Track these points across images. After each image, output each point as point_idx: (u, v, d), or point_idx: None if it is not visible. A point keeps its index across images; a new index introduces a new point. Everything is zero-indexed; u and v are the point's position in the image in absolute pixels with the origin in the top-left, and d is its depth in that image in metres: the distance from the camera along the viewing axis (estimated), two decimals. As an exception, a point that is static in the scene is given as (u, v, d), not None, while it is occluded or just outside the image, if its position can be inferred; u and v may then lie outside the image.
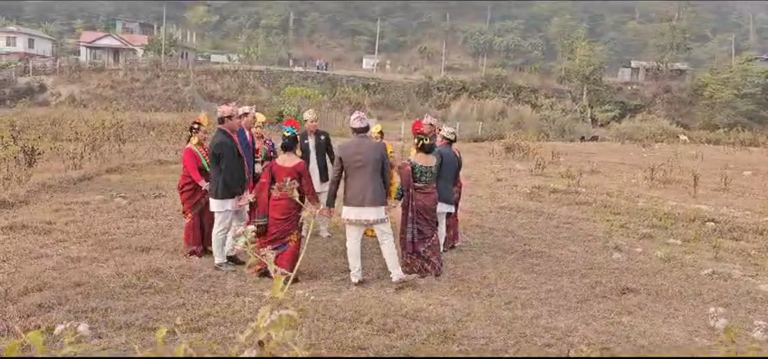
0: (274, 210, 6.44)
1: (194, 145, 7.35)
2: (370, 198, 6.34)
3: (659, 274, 7.50)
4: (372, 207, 6.36)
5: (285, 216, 6.43)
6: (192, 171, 7.16)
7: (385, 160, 6.53)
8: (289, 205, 6.42)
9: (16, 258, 6.57)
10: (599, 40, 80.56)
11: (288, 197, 6.40)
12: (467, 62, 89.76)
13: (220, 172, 6.58)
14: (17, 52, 60.74)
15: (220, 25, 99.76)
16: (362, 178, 6.36)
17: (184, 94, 48.69)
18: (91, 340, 4.70)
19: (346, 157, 6.45)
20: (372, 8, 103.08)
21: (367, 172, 6.36)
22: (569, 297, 6.45)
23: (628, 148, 31.29)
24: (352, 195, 6.40)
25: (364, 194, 6.33)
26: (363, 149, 6.44)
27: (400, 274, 6.50)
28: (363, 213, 6.37)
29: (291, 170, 6.47)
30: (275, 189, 5.93)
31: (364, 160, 6.36)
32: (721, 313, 2.24)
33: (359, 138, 6.55)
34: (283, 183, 6.68)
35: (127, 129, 20.54)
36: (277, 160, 6.72)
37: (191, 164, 7.21)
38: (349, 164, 6.42)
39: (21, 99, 40.85)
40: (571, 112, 53.70)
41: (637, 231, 10.10)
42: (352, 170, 6.41)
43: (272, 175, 6.51)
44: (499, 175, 16.47)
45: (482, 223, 10.11)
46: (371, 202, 6.34)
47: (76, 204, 9.67)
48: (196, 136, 7.40)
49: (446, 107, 55.21)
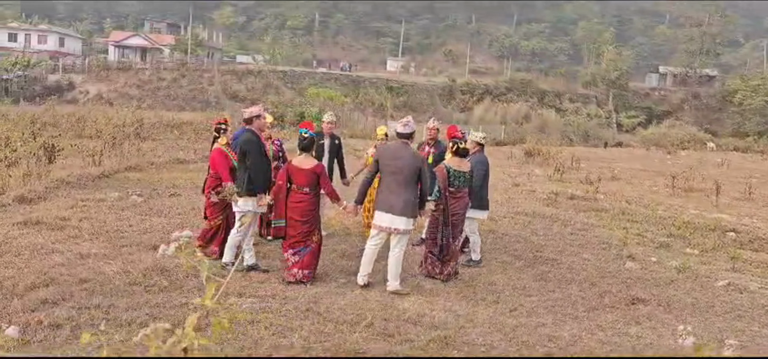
0: (294, 212, 6.39)
1: (223, 145, 7.12)
2: (401, 208, 6.24)
3: (672, 285, 7.34)
4: (402, 217, 6.27)
5: (305, 218, 6.40)
6: (223, 172, 6.88)
7: (422, 171, 6.39)
8: (308, 207, 6.40)
9: (28, 254, 6.67)
10: (627, 45, 79.66)
11: (309, 198, 6.39)
12: (492, 65, 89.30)
13: (246, 171, 6.52)
14: (48, 51, 62.05)
15: (246, 26, 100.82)
16: (395, 184, 6.26)
17: (208, 93, 49.20)
18: (90, 337, 4.76)
19: (382, 159, 6.38)
20: (397, 10, 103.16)
21: (401, 180, 6.25)
22: (577, 305, 6.34)
23: (652, 154, 30.81)
24: (382, 200, 6.32)
25: (395, 202, 6.24)
26: (402, 155, 6.32)
27: (396, 286, 6.39)
28: (394, 221, 6.28)
29: (309, 172, 6.39)
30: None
31: (401, 166, 6.25)
32: (689, 331, 2.16)
33: (401, 143, 6.44)
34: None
35: (149, 127, 20.87)
36: (293, 161, 6.56)
37: (223, 165, 6.92)
38: (384, 167, 6.35)
39: (50, 96, 41.74)
40: (596, 117, 53.11)
41: (653, 240, 9.92)
42: (387, 174, 6.32)
43: (289, 177, 6.44)
44: (517, 179, 16.32)
45: (495, 228, 10.01)
46: (401, 212, 6.24)
47: (92, 201, 9.81)
48: (224, 136, 7.23)
49: (469, 110, 54.89)
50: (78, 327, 4.80)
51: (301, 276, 6.37)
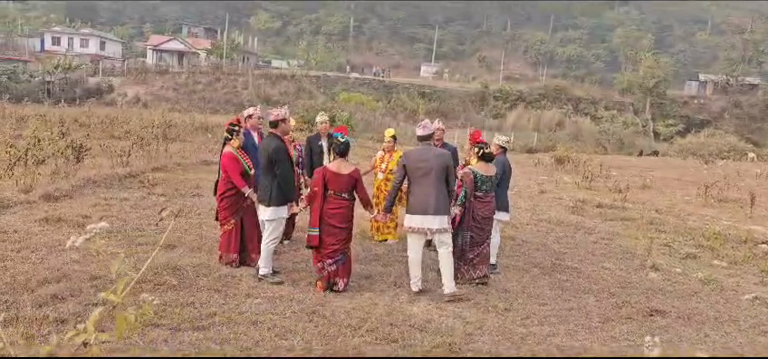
0: (334, 218, 6.21)
1: (234, 149, 6.90)
2: (434, 207, 6.24)
3: (695, 297, 7.08)
4: (436, 215, 6.25)
5: (346, 224, 6.28)
6: (234, 176, 6.74)
7: (450, 168, 6.40)
8: (347, 213, 6.29)
9: (45, 250, 6.79)
10: (666, 52, 77.95)
11: (347, 204, 6.26)
12: (527, 72, 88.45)
13: (275, 179, 6.33)
14: (89, 54, 63.80)
15: (282, 31, 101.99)
16: (426, 185, 6.26)
17: (242, 97, 49.83)
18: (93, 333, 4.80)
19: (409, 164, 6.37)
20: (433, 16, 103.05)
21: (431, 180, 6.27)
22: (591, 316, 6.16)
23: (688, 164, 29.98)
24: (415, 202, 6.30)
25: (428, 202, 6.23)
26: (427, 156, 6.35)
27: (452, 288, 6.35)
28: (426, 221, 6.26)
29: (347, 177, 6.24)
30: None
31: (428, 167, 6.27)
32: (656, 343, 2.03)
33: (424, 145, 6.48)
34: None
35: (180, 129, 21.20)
36: (329, 166, 6.40)
37: (233, 169, 6.77)
38: (412, 171, 6.33)
39: (90, 98, 42.91)
40: (632, 125, 52.05)
41: (680, 250, 9.60)
42: (415, 178, 6.31)
43: (325, 183, 6.26)
44: (544, 186, 16.05)
45: (516, 235, 9.84)
46: (435, 210, 6.24)
47: (115, 200, 9.96)
48: (236, 139, 6.94)
49: (502, 117, 54.42)
50: (82, 323, 4.84)
51: (342, 285, 6.26)
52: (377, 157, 8.88)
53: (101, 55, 64.66)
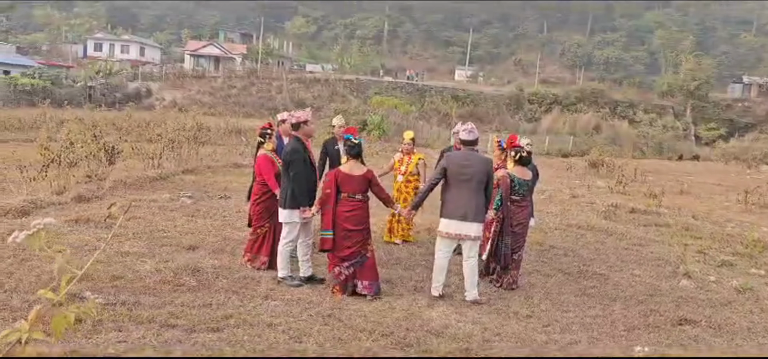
0: (348, 221, 6.13)
1: (269, 151, 6.92)
2: (473, 214, 6.15)
3: (728, 306, 6.80)
4: (474, 223, 6.17)
5: (361, 226, 6.18)
6: (269, 178, 6.74)
7: (491, 175, 6.32)
8: (363, 214, 6.20)
9: (71, 250, 6.88)
10: (709, 54, 75.84)
11: (362, 205, 6.18)
12: (564, 75, 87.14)
13: (290, 181, 6.33)
14: (130, 59, 65.37)
15: (317, 36, 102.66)
16: (466, 191, 6.16)
17: (276, 101, 50.30)
18: (109, 332, 4.85)
19: (452, 167, 6.25)
20: (468, 19, 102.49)
21: (472, 187, 6.17)
22: (617, 324, 5.96)
23: (730, 168, 29.07)
24: (454, 208, 6.18)
25: (467, 209, 6.14)
26: (471, 162, 6.23)
27: (475, 295, 6.28)
28: (464, 227, 6.17)
29: (360, 178, 6.18)
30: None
31: (471, 173, 6.16)
32: (647, 352, 1.91)
33: (467, 150, 6.38)
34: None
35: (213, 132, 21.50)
36: (341, 168, 6.37)
37: (269, 171, 6.78)
38: (454, 176, 6.22)
39: (129, 102, 43.91)
40: (672, 129, 50.78)
41: (716, 257, 9.27)
42: (456, 182, 6.20)
43: (338, 184, 6.21)
44: (576, 191, 15.72)
45: (543, 241, 9.63)
46: (474, 218, 6.15)
47: (144, 201, 10.11)
48: (270, 142, 6.97)
49: (537, 121, 53.68)
50: (100, 322, 4.90)
51: (362, 288, 6.13)
52: (395, 159, 8.78)
53: (141, 61, 66.20)
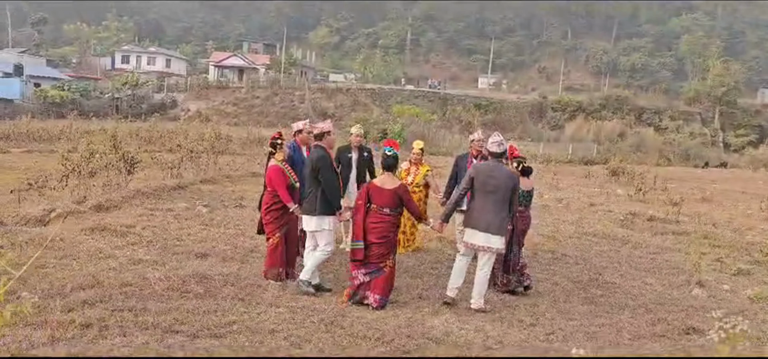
0: (371, 233, 6.20)
1: (279, 162, 6.87)
2: (497, 227, 6.23)
3: (740, 315, 6.64)
4: (497, 235, 6.24)
5: (383, 240, 6.22)
6: (281, 189, 6.69)
7: (516, 190, 6.39)
8: (387, 228, 6.23)
9: (85, 257, 7.08)
10: (738, 58, 74.48)
11: (389, 220, 6.21)
12: (588, 82, 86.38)
13: (319, 187, 6.37)
14: (156, 71, 66.60)
15: (340, 46, 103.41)
16: (492, 204, 6.23)
17: (299, 111, 50.69)
18: (114, 338, 4.96)
19: (479, 178, 6.30)
20: (491, 27, 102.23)
21: (498, 199, 6.23)
22: (622, 333, 5.90)
23: (758, 176, 28.48)
24: (479, 218, 6.26)
25: (492, 221, 6.21)
26: (498, 175, 6.29)
27: (481, 304, 6.31)
28: (490, 240, 6.24)
29: (391, 192, 6.21)
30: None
31: (497, 185, 6.22)
32: (580, 354, 1.92)
33: (495, 162, 6.42)
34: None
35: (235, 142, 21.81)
36: (375, 180, 6.47)
37: (280, 182, 6.72)
38: (480, 186, 6.28)
39: (154, 113, 44.68)
40: (699, 135, 49.99)
41: (732, 266, 9.10)
42: (482, 193, 6.27)
43: (369, 196, 6.28)
44: (594, 199, 15.56)
45: (556, 249, 9.57)
46: (497, 231, 6.23)
47: (160, 210, 10.29)
48: (281, 152, 6.91)
49: (560, 128, 53.26)
50: (106, 328, 5.02)
51: (372, 301, 6.16)
52: (402, 169, 8.67)
53: (167, 72, 67.35)
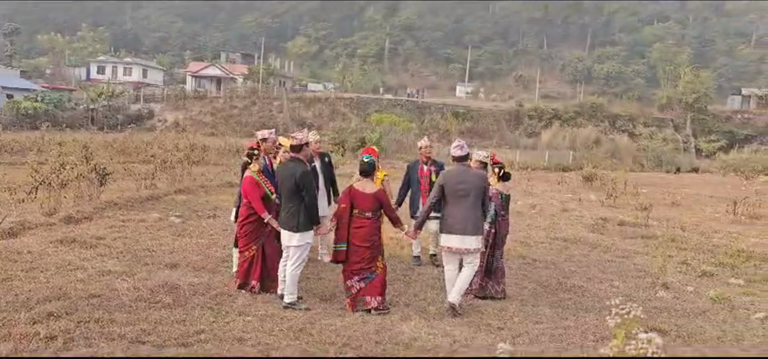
0: (355, 237, 6.34)
1: (254, 172, 6.75)
2: (472, 227, 6.40)
3: (702, 316, 6.86)
4: (473, 236, 6.42)
5: (368, 243, 6.35)
6: (256, 202, 6.61)
7: (486, 190, 6.57)
8: (370, 231, 6.36)
9: (54, 269, 7.02)
10: (709, 66, 76.02)
11: (371, 223, 6.34)
12: (564, 90, 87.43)
13: (302, 204, 6.27)
14: (132, 82, 65.99)
15: (318, 55, 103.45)
16: (464, 206, 6.40)
17: (278, 120, 50.60)
18: (79, 348, 4.94)
19: (449, 184, 6.47)
20: (468, 36, 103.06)
21: (470, 201, 6.41)
22: (587, 335, 6.02)
23: (728, 180, 29.06)
24: (454, 223, 6.42)
25: (467, 223, 6.38)
26: (467, 178, 6.49)
27: (457, 299, 6.43)
28: (465, 241, 6.40)
29: (371, 197, 6.39)
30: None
31: (468, 188, 6.40)
32: (507, 350, 2.01)
33: (461, 166, 6.60)
34: None
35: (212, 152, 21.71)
36: (355, 185, 6.55)
37: (255, 195, 6.64)
38: (451, 193, 6.44)
39: (131, 124, 44.27)
40: (672, 141, 50.82)
41: (697, 268, 9.32)
42: (454, 198, 6.43)
43: (352, 201, 6.41)
44: (567, 205, 15.79)
45: (526, 254, 9.72)
46: (473, 231, 6.41)
47: (132, 221, 10.24)
48: (256, 163, 6.80)
49: (536, 136, 53.78)
50: (71, 339, 5.00)
51: (375, 303, 6.27)
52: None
53: (143, 83, 66.81)
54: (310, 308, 6.34)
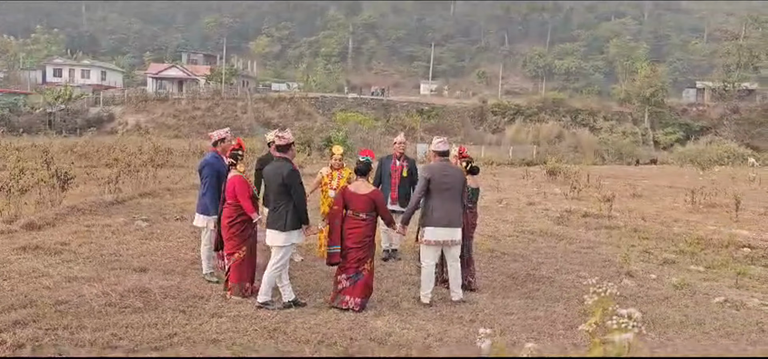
0: (348, 239, 6.33)
1: (241, 172, 6.64)
2: (457, 219, 6.68)
3: (665, 302, 7.09)
4: (457, 228, 6.68)
5: (359, 245, 6.34)
6: (245, 200, 6.49)
7: (466, 184, 6.92)
8: (363, 233, 6.36)
9: (17, 277, 6.84)
10: (665, 61, 78.13)
11: (365, 224, 6.34)
12: (526, 86, 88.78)
13: (290, 203, 6.21)
14: (91, 84, 64.47)
15: (281, 55, 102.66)
16: (450, 199, 6.63)
17: (242, 121, 50.14)
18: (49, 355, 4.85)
19: (435, 178, 6.64)
20: (431, 34, 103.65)
21: (454, 195, 6.68)
22: (556, 323, 6.18)
23: (685, 171, 29.94)
24: (440, 216, 6.60)
25: (452, 216, 6.62)
26: (450, 172, 6.77)
27: (460, 294, 6.78)
28: (450, 233, 6.64)
29: (366, 197, 6.36)
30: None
31: (452, 182, 6.65)
32: (487, 334, 2.10)
33: (443, 161, 6.81)
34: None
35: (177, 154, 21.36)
36: (349, 186, 6.58)
37: (244, 193, 6.52)
38: (437, 186, 6.61)
39: (90, 128, 43.27)
40: (631, 134, 52.09)
41: (659, 256, 9.62)
42: (439, 192, 6.61)
43: (345, 202, 6.39)
44: (533, 199, 16.07)
45: (495, 248, 9.86)
46: (457, 223, 6.68)
47: (97, 226, 10.03)
48: (241, 163, 6.70)
49: (501, 131, 54.50)
50: (40, 347, 4.90)
51: (353, 304, 6.27)
52: (323, 174, 8.54)
53: (102, 85, 65.35)
54: (291, 306, 6.27)
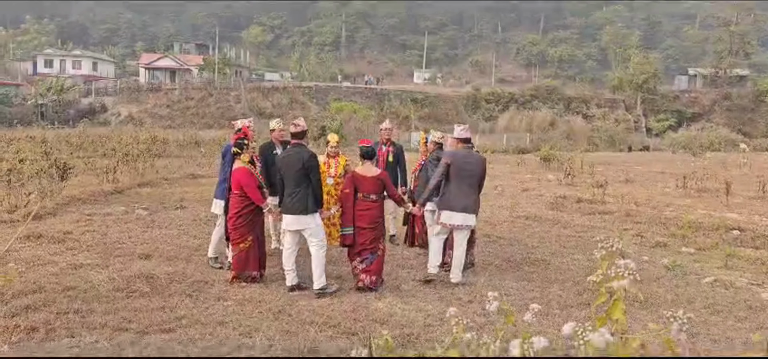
0: (362, 220, 6.59)
1: (245, 163, 6.66)
2: (473, 206, 6.83)
3: (657, 282, 7.29)
4: (473, 214, 6.84)
5: (373, 225, 6.60)
6: (252, 191, 6.53)
7: (485, 174, 7.09)
8: (376, 214, 6.61)
9: (24, 265, 6.95)
10: (657, 48, 78.43)
11: (376, 206, 6.60)
12: (520, 74, 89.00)
13: (309, 187, 6.38)
14: (83, 75, 64.17)
15: (274, 44, 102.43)
16: (467, 186, 6.78)
17: (235, 111, 50.07)
18: (61, 339, 5.01)
19: (456, 163, 6.78)
20: (424, 23, 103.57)
21: (474, 182, 6.85)
22: (552, 304, 6.37)
23: (677, 157, 30.22)
24: (456, 201, 6.76)
25: (469, 201, 6.78)
26: (472, 160, 6.92)
27: (459, 276, 6.94)
28: (468, 219, 6.79)
29: (374, 179, 6.63)
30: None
31: (472, 170, 6.82)
32: (495, 296, 2.26)
33: (466, 148, 6.98)
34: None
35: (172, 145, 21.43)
36: (357, 169, 6.78)
37: (251, 184, 6.55)
38: (456, 172, 6.75)
39: (83, 119, 43.16)
40: (623, 121, 52.41)
41: (651, 239, 9.82)
42: (458, 178, 6.75)
43: (355, 185, 6.65)
44: (527, 185, 16.27)
45: (491, 233, 10.05)
46: (473, 210, 6.83)
47: (98, 215, 10.16)
48: (247, 154, 6.68)
49: (494, 120, 54.69)
50: (53, 330, 5.05)
51: (369, 282, 6.53)
52: (320, 161, 8.72)
53: (94, 76, 65.08)
54: (305, 288, 6.47)
